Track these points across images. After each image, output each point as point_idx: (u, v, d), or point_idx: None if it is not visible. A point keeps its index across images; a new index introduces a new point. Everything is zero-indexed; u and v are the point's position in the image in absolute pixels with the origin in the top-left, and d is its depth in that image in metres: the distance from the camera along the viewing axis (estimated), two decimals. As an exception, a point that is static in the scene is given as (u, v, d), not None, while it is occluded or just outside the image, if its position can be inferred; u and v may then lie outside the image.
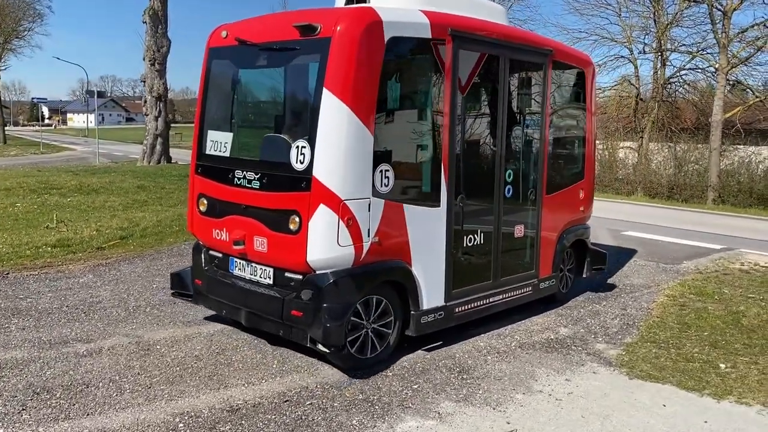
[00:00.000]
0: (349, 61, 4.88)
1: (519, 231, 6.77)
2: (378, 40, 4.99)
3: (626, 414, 4.70)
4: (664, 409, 4.80)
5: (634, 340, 6.37)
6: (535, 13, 62.57)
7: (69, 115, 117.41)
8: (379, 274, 5.29)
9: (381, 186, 5.12)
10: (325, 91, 4.87)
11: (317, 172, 4.87)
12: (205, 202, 5.83)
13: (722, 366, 5.67)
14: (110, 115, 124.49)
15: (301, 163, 4.96)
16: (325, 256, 4.96)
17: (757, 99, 23.94)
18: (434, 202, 5.64)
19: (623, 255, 9.95)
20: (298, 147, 4.99)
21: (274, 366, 5.35)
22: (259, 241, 5.29)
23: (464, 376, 5.29)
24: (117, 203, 14.17)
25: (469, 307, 6.13)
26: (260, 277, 5.47)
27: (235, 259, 5.69)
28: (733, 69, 22.88)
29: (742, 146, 24.55)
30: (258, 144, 5.79)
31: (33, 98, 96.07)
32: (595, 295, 7.97)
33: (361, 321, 5.24)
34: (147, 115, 25.46)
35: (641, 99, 28.26)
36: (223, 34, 5.82)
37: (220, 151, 5.78)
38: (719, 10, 21.70)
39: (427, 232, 5.60)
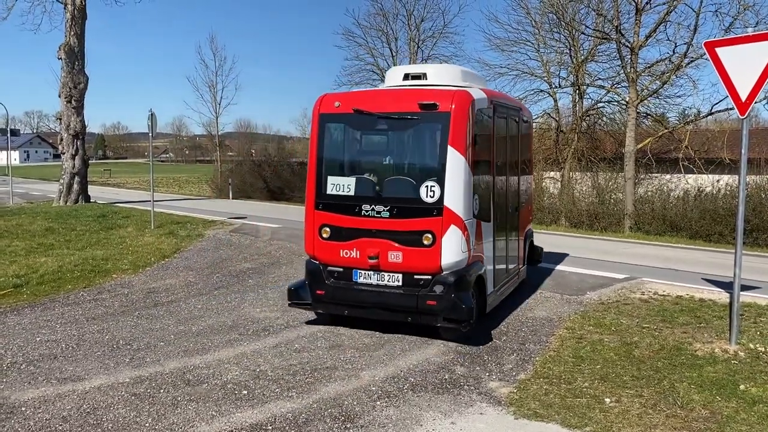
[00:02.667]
0: (463, 127, 7.12)
1: (514, 234, 9.35)
2: (473, 112, 7.30)
3: (504, 458, 4.66)
4: (542, 450, 4.79)
5: (527, 376, 6.39)
6: (459, 49, 64.18)
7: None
8: (476, 271, 7.42)
9: (474, 210, 7.36)
10: (449, 147, 7.06)
11: (448, 203, 7.03)
12: (329, 230, 7.54)
13: (607, 401, 5.74)
14: (36, 152, 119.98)
15: (431, 197, 7.08)
16: (453, 260, 7.10)
17: (666, 131, 25.14)
18: (489, 219, 7.99)
19: (528, 287, 10.06)
20: (427, 186, 7.10)
21: (147, 425, 5.08)
22: (393, 255, 7.21)
23: (347, 426, 5.15)
24: (20, 248, 13.48)
25: (500, 291, 8.66)
26: (388, 281, 7.34)
27: (359, 271, 7.46)
28: (643, 101, 23.98)
29: (657, 175, 25.66)
30: (384, 185, 7.48)
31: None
32: (497, 329, 8.01)
33: None
34: (63, 154, 24.59)
35: (562, 131, 29.22)
36: (336, 104, 7.63)
37: (343, 191, 7.51)
38: (627, 47, 22.81)
39: (488, 240, 7.93)
